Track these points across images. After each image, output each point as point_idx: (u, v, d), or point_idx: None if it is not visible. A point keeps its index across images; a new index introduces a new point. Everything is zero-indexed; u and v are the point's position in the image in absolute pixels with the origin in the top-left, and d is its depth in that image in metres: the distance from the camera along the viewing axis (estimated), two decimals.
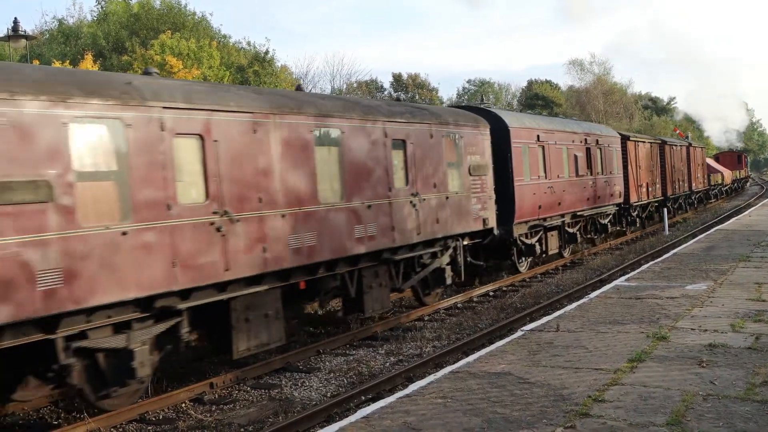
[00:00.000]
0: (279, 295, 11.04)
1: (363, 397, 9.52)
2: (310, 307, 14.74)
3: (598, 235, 26.08)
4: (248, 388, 10.43)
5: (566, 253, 22.84)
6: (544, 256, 21.10)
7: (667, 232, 30.33)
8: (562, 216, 21.51)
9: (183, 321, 9.54)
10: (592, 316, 11.58)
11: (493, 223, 16.91)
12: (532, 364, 8.93)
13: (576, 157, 22.58)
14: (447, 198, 15.04)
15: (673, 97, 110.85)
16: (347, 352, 12.32)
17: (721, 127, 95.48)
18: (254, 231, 10.25)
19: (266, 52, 44.71)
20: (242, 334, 10.29)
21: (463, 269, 16.07)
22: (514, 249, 19.10)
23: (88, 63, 33.76)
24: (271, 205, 10.57)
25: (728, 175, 58.50)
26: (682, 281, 14.49)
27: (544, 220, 20.22)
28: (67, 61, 34.87)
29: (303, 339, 12.89)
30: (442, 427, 6.86)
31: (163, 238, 8.94)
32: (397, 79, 76.31)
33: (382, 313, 14.04)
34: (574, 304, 12.97)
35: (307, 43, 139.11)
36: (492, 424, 6.84)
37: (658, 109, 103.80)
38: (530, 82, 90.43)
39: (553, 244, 21.30)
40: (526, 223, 19.19)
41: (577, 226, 23.25)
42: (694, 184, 42.26)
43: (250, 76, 40.78)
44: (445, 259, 15.37)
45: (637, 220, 30.84)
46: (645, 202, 31.40)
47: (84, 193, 8.11)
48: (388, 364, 11.39)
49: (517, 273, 19.52)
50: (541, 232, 20.41)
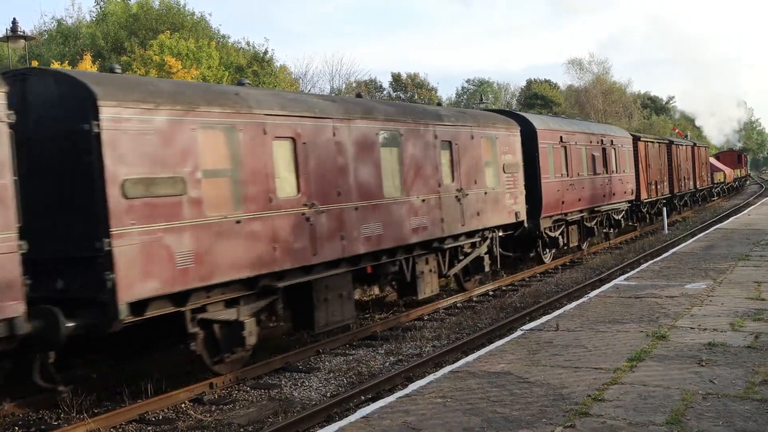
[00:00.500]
0: (350, 278, 12.65)
1: (363, 397, 9.51)
2: (363, 293, 16.22)
3: (613, 230, 27.38)
4: (248, 388, 10.42)
5: (584, 246, 24.17)
6: (565, 248, 22.53)
7: (667, 231, 30.35)
8: (582, 211, 23.08)
9: (278, 298, 11.04)
10: (591, 316, 11.58)
11: (523, 216, 18.48)
12: (532, 363, 8.93)
13: (593, 157, 24.06)
14: (485, 193, 16.70)
15: (672, 96, 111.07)
16: (347, 352, 12.31)
17: (718, 123, 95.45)
18: (334, 221, 11.86)
19: (265, 52, 44.76)
20: (322, 312, 11.81)
21: (499, 258, 17.75)
22: (539, 241, 20.57)
23: (87, 63, 33.64)
24: (347, 199, 12.19)
25: (730, 174, 60.14)
26: (681, 280, 14.49)
27: (566, 214, 21.73)
28: (66, 62, 34.79)
29: (304, 339, 12.90)
30: (442, 426, 6.86)
31: (267, 227, 10.52)
32: (396, 78, 76.19)
33: (432, 297, 15.52)
34: (574, 304, 12.98)
35: (306, 43, 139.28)
36: (492, 423, 6.84)
37: (657, 108, 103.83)
38: (529, 82, 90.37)
39: (574, 237, 22.82)
40: (551, 217, 20.66)
41: (595, 221, 24.61)
42: (698, 182, 43.56)
43: (249, 77, 40.73)
44: (484, 248, 16.93)
45: (647, 216, 32.05)
46: (654, 199, 32.56)
47: (208, 188, 9.66)
48: (387, 364, 11.39)
49: (541, 263, 21.01)
50: (563, 226, 21.83)
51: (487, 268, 17.14)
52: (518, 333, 10.83)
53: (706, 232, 25.21)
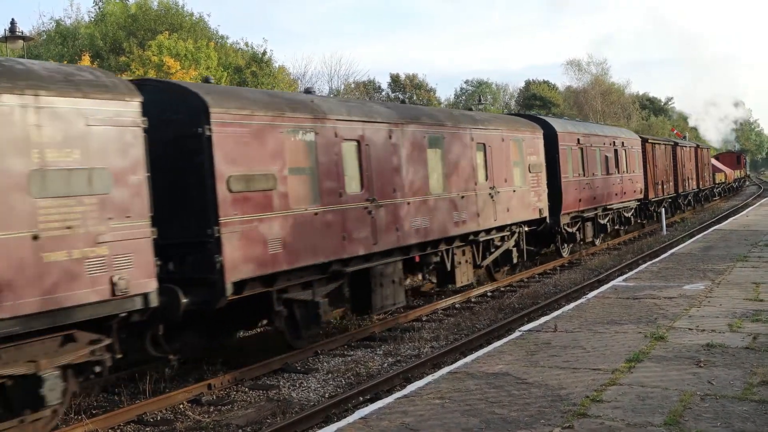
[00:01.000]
0: (401, 266, 14.00)
1: (361, 398, 9.52)
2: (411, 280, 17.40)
3: (623, 227, 28.85)
4: (246, 389, 10.42)
5: (598, 242, 25.64)
6: (582, 243, 24.21)
7: (665, 232, 30.36)
8: (596, 209, 24.56)
9: (345, 282, 12.57)
10: (589, 317, 11.59)
11: (546, 213, 19.97)
12: (530, 364, 8.93)
13: (606, 158, 25.61)
14: (514, 191, 18.13)
15: (671, 98, 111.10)
16: (345, 352, 12.31)
17: (715, 122, 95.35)
18: (391, 215, 13.31)
19: (264, 53, 44.66)
20: (378, 296, 13.24)
21: (525, 252, 19.30)
22: (558, 237, 22.16)
23: (86, 64, 33.67)
24: (400, 195, 13.65)
25: (730, 174, 61.91)
26: (679, 281, 14.50)
27: (583, 212, 23.29)
28: (65, 62, 34.78)
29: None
30: (440, 427, 6.86)
31: (338, 219, 11.96)
32: (395, 79, 76.05)
33: (468, 285, 16.98)
34: (572, 305, 12.98)
35: (305, 44, 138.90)
36: (490, 424, 6.84)
37: (656, 109, 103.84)
38: (528, 83, 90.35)
39: (589, 233, 24.44)
40: (569, 214, 22.13)
41: (607, 218, 26.05)
42: (701, 182, 45.22)
43: (248, 77, 40.72)
44: (512, 242, 18.48)
45: (654, 214, 33.39)
46: (660, 198, 33.94)
47: (292, 184, 11.09)
48: (386, 365, 11.39)
49: (560, 257, 22.55)
50: (580, 222, 23.44)
51: (515, 260, 18.78)
52: (516, 334, 10.83)
53: (705, 233, 25.23)
